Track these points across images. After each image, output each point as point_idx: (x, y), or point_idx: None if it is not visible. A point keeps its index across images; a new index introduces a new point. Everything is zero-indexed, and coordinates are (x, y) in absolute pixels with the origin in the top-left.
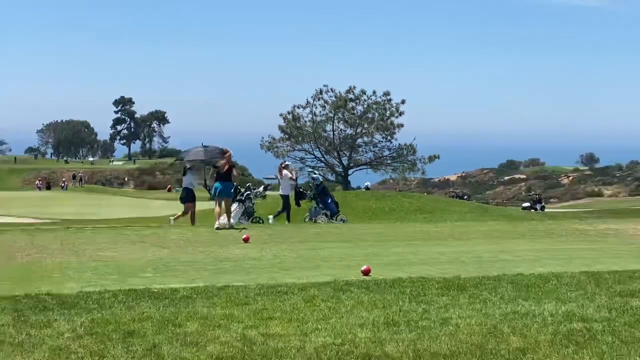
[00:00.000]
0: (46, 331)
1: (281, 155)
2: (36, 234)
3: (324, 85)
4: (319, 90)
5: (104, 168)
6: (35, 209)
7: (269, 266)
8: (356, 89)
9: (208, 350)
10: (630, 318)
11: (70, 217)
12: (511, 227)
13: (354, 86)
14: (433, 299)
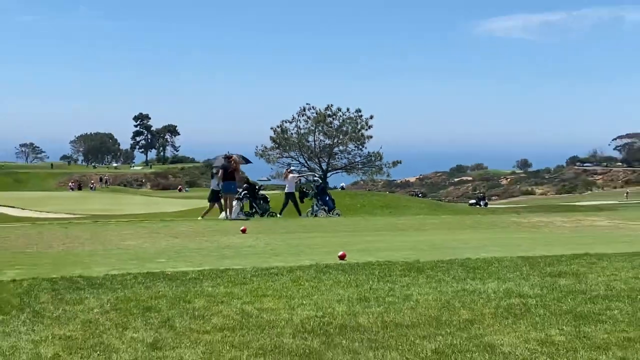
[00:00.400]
0: (78, 307)
1: (272, 161)
2: (70, 227)
3: (307, 104)
4: (303, 107)
5: (126, 172)
6: (69, 206)
7: (263, 252)
8: (333, 107)
9: (213, 322)
10: (558, 294)
11: (98, 212)
12: (460, 220)
13: (331, 104)
14: (397, 279)
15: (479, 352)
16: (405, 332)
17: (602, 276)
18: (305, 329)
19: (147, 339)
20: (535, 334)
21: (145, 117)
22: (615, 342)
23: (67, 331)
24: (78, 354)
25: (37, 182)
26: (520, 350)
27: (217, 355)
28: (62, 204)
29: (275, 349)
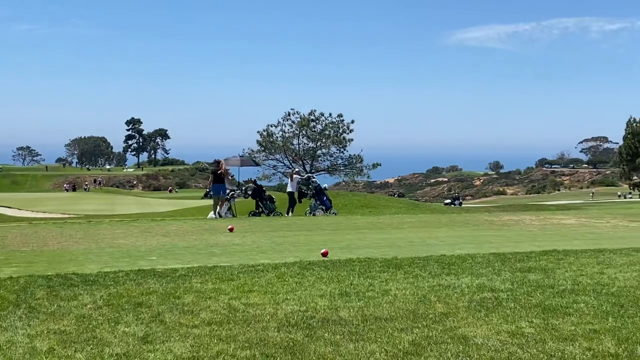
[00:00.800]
0: (72, 303)
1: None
2: (64, 227)
3: (291, 109)
4: (288, 112)
5: (118, 174)
6: (64, 206)
7: (249, 250)
8: (316, 112)
9: (201, 316)
10: (528, 288)
11: (91, 212)
12: (436, 219)
13: (314, 109)
14: (376, 274)
15: (453, 344)
16: (384, 325)
17: (569, 271)
18: (289, 322)
19: (138, 333)
20: (507, 326)
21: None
22: (581, 333)
23: (61, 326)
24: (72, 348)
25: (34, 184)
26: (492, 342)
27: (205, 349)
28: (57, 204)
29: (260, 342)
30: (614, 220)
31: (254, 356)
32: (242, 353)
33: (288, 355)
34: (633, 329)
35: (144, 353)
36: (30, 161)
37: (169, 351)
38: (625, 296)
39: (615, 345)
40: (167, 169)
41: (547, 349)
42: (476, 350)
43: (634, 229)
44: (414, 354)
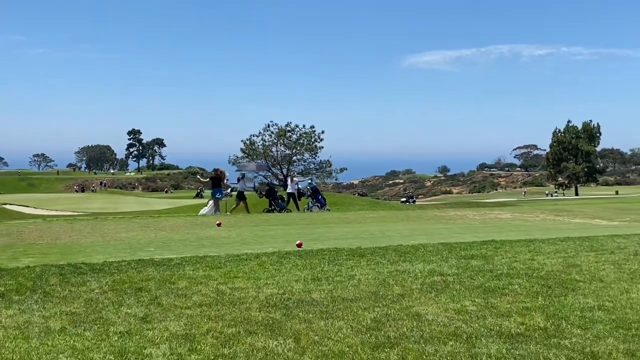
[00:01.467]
0: (82, 288)
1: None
2: (74, 222)
3: (271, 121)
4: (267, 124)
5: (121, 177)
6: (74, 205)
7: (234, 242)
8: (292, 123)
9: (193, 299)
10: (471, 273)
11: (98, 210)
12: (393, 214)
13: (290, 122)
14: (343, 262)
15: (408, 320)
16: (350, 305)
17: (505, 258)
18: (269, 303)
19: (139, 314)
20: (453, 305)
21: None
22: (516, 310)
23: (72, 308)
24: (81, 327)
25: (48, 186)
26: (441, 318)
27: (196, 327)
28: (68, 203)
29: (244, 320)
30: (542, 214)
31: (239, 333)
32: (228, 330)
33: (268, 332)
34: (559, 306)
35: (144, 331)
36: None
37: (165, 329)
38: (552, 279)
39: (544, 320)
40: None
41: (487, 323)
42: (427, 326)
43: (559, 222)
44: (375, 329)
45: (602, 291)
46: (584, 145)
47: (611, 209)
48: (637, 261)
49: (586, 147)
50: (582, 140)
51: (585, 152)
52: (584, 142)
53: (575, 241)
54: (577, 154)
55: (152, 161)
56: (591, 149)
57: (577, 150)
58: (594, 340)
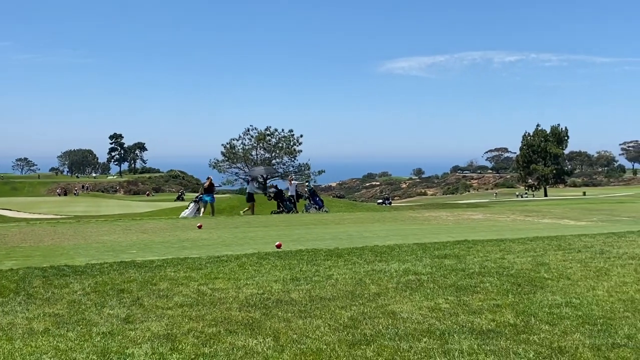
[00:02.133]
0: (65, 290)
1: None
2: (57, 225)
3: (250, 125)
4: (247, 128)
5: (103, 181)
6: (56, 208)
7: (215, 244)
8: (271, 127)
9: (174, 300)
10: (444, 271)
11: (80, 214)
12: (370, 216)
13: (270, 126)
14: (321, 262)
15: (384, 318)
16: (328, 304)
17: (477, 257)
18: (249, 303)
19: (121, 315)
20: (427, 303)
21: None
22: (487, 307)
23: (55, 310)
24: (64, 328)
25: (31, 190)
26: (415, 316)
27: (178, 327)
28: (51, 207)
29: (225, 320)
30: (513, 215)
31: (220, 332)
32: (209, 330)
33: (248, 331)
34: (528, 303)
35: (126, 331)
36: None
37: (147, 329)
38: (522, 277)
39: (514, 317)
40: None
41: (460, 320)
42: (402, 323)
43: (529, 222)
44: (351, 327)
45: (569, 288)
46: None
47: (578, 210)
48: (603, 259)
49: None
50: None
51: (553, 155)
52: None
53: (544, 240)
54: (546, 157)
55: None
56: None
57: (546, 153)
58: (561, 336)
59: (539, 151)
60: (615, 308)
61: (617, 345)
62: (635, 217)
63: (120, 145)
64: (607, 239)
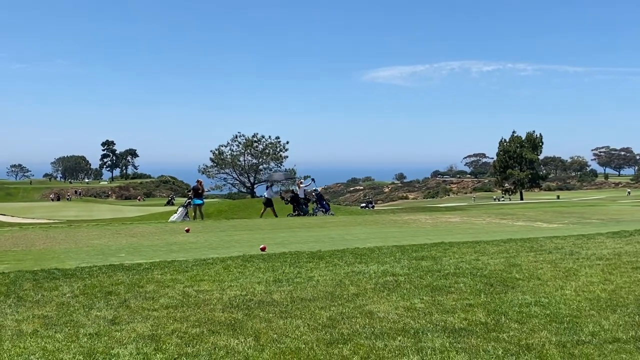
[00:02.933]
0: (54, 292)
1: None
2: (49, 230)
3: (238, 132)
4: (235, 135)
5: (95, 186)
6: (49, 213)
7: (202, 247)
8: (259, 134)
9: (160, 302)
10: (421, 273)
11: (73, 218)
12: (352, 219)
13: (257, 132)
14: (304, 264)
15: (361, 318)
16: (308, 305)
17: (452, 259)
18: (232, 304)
19: (108, 316)
20: (403, 303)
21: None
22: (460, 307)
23: (44, 312)
24: (53, 329)
25: (24, 195)
26: (392, 315)
27: (162, 327)
28: (44, 211)
29: (208, 321)
30: (488, 218)
31: (203, 332)
32: (192, 330)
33: (230, 331)
34: (499, 302)
35: (112, 332)
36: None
37: (132, 330)
38: (494, 277)
39: (485, 316)
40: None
41: (433, 319)
42: (379, 322)
43: (504, 225)
44: (330, 326)
45: (539, 288)
46: (527, 153)
47: (551, 212)
48: (572, 260)
49: (530, 155)
50: (526, 149)
51: (529, 160)
52: (528, 151)
53: (517, 242)
54: (522, 162)
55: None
56: (534, 157)
57: (522, 158)
58: (529, 334)
59: (515, 157)
60: (581, 307)
61: (581, 342)
62: (604, 219)
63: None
64: (577, 241)
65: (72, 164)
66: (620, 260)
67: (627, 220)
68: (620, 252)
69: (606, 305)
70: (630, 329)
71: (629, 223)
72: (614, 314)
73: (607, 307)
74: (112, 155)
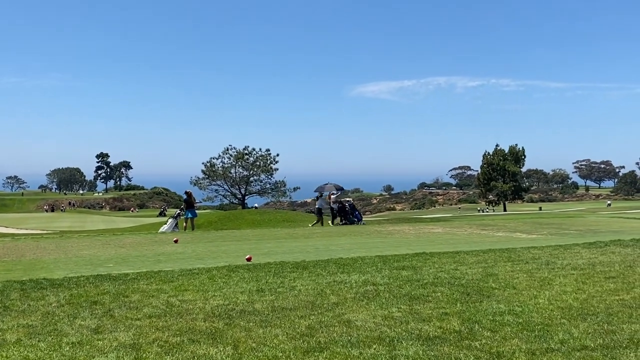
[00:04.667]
0: (40, 302)
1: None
2: (40, 240)
3: (229, 145)
4: (226, 147)
5: (90, 197)
6: (44, 224)
7: (189, 257)
8: (249, 147)
9: (144, 311)
10: (400, 282)
11: (66, 229)
12: (338, 230)
13: (248, 145)
14: (287, 274)
15: (339, 326)
16: (288, 314)
17: (432, 268)
18: (214, 314)
19: (92, 325)
20: (381, 312)
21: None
22: (436, 315)
23: (29, 321)
24: (36, 338)
25: (20, 206)
26: (369, 324)
27: (144, 336)
28: (38, 222)
29: (189, 330)
30: (470, 228)
31: (183, 341)
32: (173, 339)
33: (210, 340)
34: (474, 311)
35: (95, 341)
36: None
37: (115, 339)
38: (471, 287)
39: (459, 324)
40: (130, 193)
41: (409, 328)
42: (356, 331)
43: (484, 235)
44: (308, 335)
45: (514, 297)
46: (510, 166)
47: (531, 223)
48: (548, 270)
49: (512, 168)
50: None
51: (511, 173)
52: (511, 164)
53: (496, 252)
54: (505, 174)
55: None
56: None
57: (505, 170)
58: (501, 342)
59: (498, 169)
60: (553, 315)
61: (550, 349)
62: (582, 230)
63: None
64: (554, 251)
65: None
66: (594, 270)
67: (603, 231)
68: (594, 262)
69: (577, 314)
70: (599, 337)
71: (605, 234)
72: (584, 323)
73: (577, 316)
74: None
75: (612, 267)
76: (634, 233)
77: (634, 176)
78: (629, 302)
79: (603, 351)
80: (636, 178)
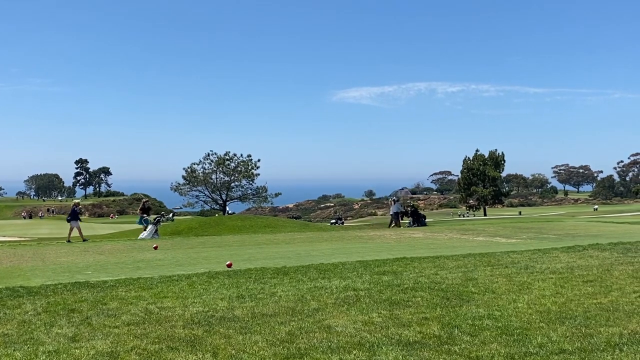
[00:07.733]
0: (17, 310)
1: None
2: (17, 247)
3: (211, 150)
4: (207, 153)
5: (68, 204)
6: (21, 231)
7: (169, 264)
8: (230, 152)
9: (122, 319)
10: (381, 287)
11: (44, 236)
12: (319, 235)
13: (229, 151)
14: (268, 280)
15: (319, 332)
16: (268, 320)
17: (412, 273)
18: (193, 321)
19: (69, 334)
20: (362, 317)
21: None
22: (416, 320)
23: (5, 330)
24: (12, 347)
25: None
26: (349, 329)
27: (122, 344)
28: (15, 229)
29: (168, 337)
30: (450, 233)
31: (162, 349)
32: (152, 347)
33: (189, 347)
34: (454, 315)
35: (72, 350)
36: None
37: (92, 347)
38: (451, 291)
39: (439, 329)
40: (109, 199)
41: (389, 333)
42: (336, 336)
43: (464, 240)
44: (288, 341)
45: (493, 301)
46: (490, 171)
47: (510, 228)
48: (527, 274)
49: (492, 172)
50: (489, 167)
51: (491, 177)
52: (491, 169)
53: (476, 257)
54: (485, 179)
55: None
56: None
57: (485, 175)
58: (480, 346)
59: (478, 174)
60: (532, 319)
61: (529, 353)
62: (560, 234)
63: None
64: (533, 255)
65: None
66: (572, 274)
67: (581, 235)
68: (573, 266)
69: (555, 317)
70: (577, 340)
71: (583, 238)
72: (562, 326)
73: (556, 320)
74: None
75: (590, 271)
76: (612, 237)
77: (611, 181)
78: (606, 306)
79: (581, 354)
80: (614, 182)
